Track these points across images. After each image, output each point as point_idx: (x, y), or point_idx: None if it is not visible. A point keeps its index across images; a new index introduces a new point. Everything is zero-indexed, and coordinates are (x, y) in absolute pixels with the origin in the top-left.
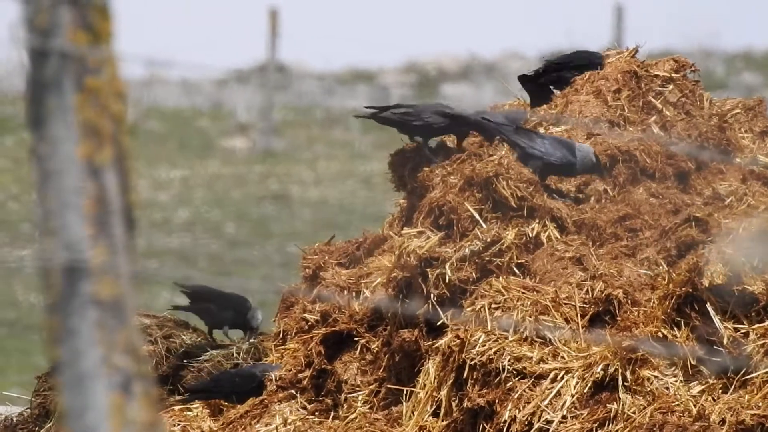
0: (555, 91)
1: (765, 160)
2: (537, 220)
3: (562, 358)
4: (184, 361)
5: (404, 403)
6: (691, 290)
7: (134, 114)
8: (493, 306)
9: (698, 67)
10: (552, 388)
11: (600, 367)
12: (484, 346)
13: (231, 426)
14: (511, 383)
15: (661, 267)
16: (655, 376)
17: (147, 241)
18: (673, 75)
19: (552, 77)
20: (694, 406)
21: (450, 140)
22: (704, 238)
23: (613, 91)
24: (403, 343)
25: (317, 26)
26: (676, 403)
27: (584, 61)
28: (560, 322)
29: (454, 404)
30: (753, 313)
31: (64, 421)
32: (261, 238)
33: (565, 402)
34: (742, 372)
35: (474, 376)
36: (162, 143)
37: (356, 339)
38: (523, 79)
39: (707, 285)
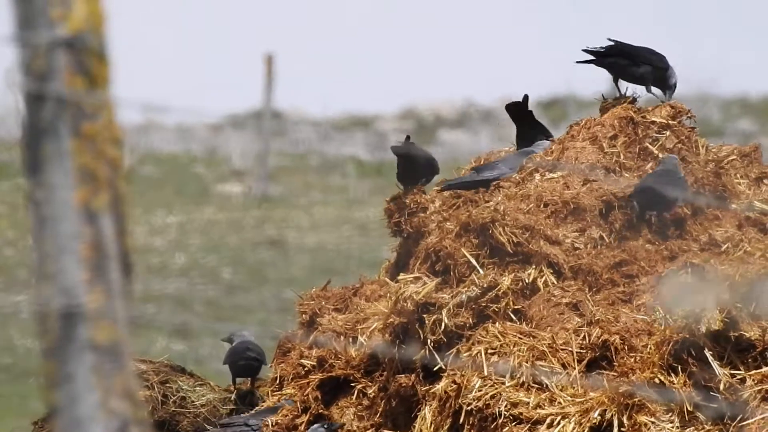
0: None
1: (761, 206)
2: (533, 266)
3: (559, 403)
4: (180, 406)
5: None
6: (688, 336)
7: (130, 159)
8: (489, 351)
9: (695, 112)
10: None
11: (597, 412)
12: (481, 391)
13: None
14: (507, 429)
15: (657, 313)
16: (652, 422)
17: (144, 286)
18: (669, 121)
19: (612, 60)
20: None
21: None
22: (701, 285)
23: (609, 138)
24: (399, 389)
25: (314, 72)
26: None
27: (649, 61)
28: (557, 368)
29: None
30: (750, 359)
31: None
32: (257, 283)
33: None
34: (739, 418)
35: (470, 422)
36: (158, 189)
37: (353, 384)
38: (588, 53)
39: (704, 331)
